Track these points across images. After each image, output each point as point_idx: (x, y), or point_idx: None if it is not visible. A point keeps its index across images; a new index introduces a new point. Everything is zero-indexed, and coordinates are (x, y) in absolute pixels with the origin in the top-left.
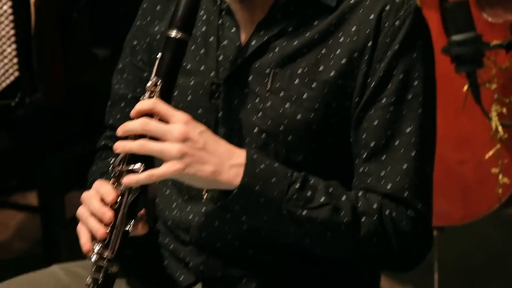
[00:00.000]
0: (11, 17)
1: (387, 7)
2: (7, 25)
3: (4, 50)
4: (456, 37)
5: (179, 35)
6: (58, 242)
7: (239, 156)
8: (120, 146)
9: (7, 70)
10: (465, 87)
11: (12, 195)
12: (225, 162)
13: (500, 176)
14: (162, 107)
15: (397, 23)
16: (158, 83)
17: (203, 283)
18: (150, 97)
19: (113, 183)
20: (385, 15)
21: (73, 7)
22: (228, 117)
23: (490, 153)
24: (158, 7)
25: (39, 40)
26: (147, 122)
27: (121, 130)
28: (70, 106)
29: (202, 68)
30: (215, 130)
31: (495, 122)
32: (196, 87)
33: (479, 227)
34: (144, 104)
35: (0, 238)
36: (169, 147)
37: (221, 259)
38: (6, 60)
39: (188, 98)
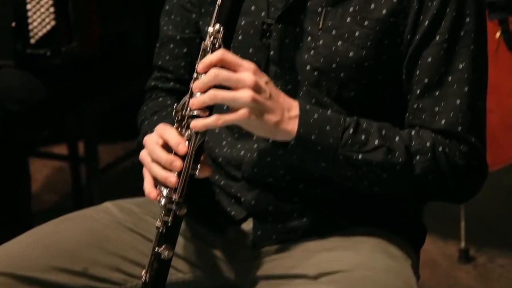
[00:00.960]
0: None
1: None
2: None
3: (41, 0)
4: None
5: None
6: (90, 192)
7: (295, 107)
8: (196, 103)
9: (43, 20)
10: (498, 34)
11: (39, 148)
12: (286, 113)
13: None
14: (230, 57)
15: None
16: (221, 30)
17: (254, 218)
18: (212, 43)
19: (177, 128)
20: None
21: None
22: (279, 55)
23: None
24: None
25: None
26: (218, 73)
27: (196, 88)
28: (104, 56)
29: (252, 8)
30: (266, 68)
31: None
32: (247, 27)
33: (503, 179)
34: (212, 57)
35: None
36: (241, 94)
37: (273, 194)
38: (42, 10)
39: (239, 38)
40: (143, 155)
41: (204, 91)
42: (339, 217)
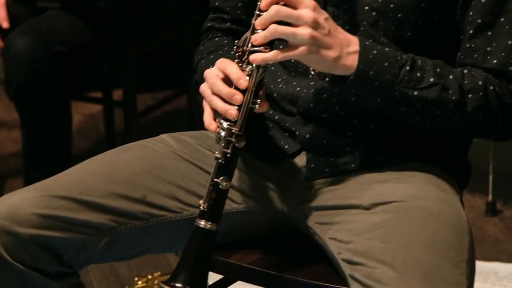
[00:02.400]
0: None
1: None
2: None
3: None
4: None
5: None
6: (128, 136)
7: (354, 43)
8: (258, 38)
9: None
10: None
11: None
12: (344, 49)
13: None
14: None
15: None
16: None
17: (308, 151)
18: None
19: (237, 63)
20: None
21: None
22: None
23: None
24: None
25: None
26: (279, 9)
27: (258, 24)
28: (143, 2)
29: None
30: (324, 10)
31: None
32: None
33: None
34: None
35: None
36: (301, 31)
37: (327, 128)
38: None
39: None
40: (204, 88)
41: (265, 28)
42: (391, 152)
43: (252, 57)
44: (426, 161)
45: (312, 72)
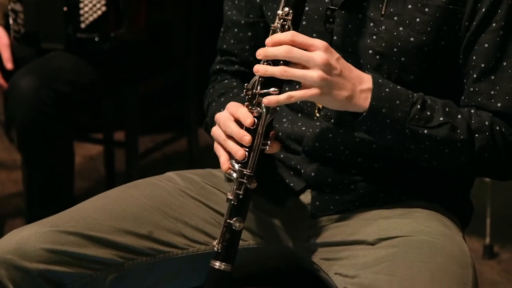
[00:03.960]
0: None
1: None
2: None
3: None
4: None
5: None
6: (129, 177)
7: (367, 81)
8: (262, 70)
9: (94, 5)
10: None
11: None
12: (357, 87)
13: None
14: (301, 37)
15: None
16: (290, 13)
17: (313, 189)
18: (282, 25)
19: (247, 106)
20: None
21: None
22: (342, 40)
23: None
24: None
25: None
26: (291, 50)
27: (262, 54)
28: (147, 44)
29: None
30: None
31: None
32: (312, 13)
33: None
34: (283, 36)
35: None
36: (311, 73)
37: (332, 167)
38: None
39: (304, 23)
40: (217, 132)
41: (270, 61)
42: (394, 190)
43: (266, 100)
44: (429, 200)
45: (318, 114)
